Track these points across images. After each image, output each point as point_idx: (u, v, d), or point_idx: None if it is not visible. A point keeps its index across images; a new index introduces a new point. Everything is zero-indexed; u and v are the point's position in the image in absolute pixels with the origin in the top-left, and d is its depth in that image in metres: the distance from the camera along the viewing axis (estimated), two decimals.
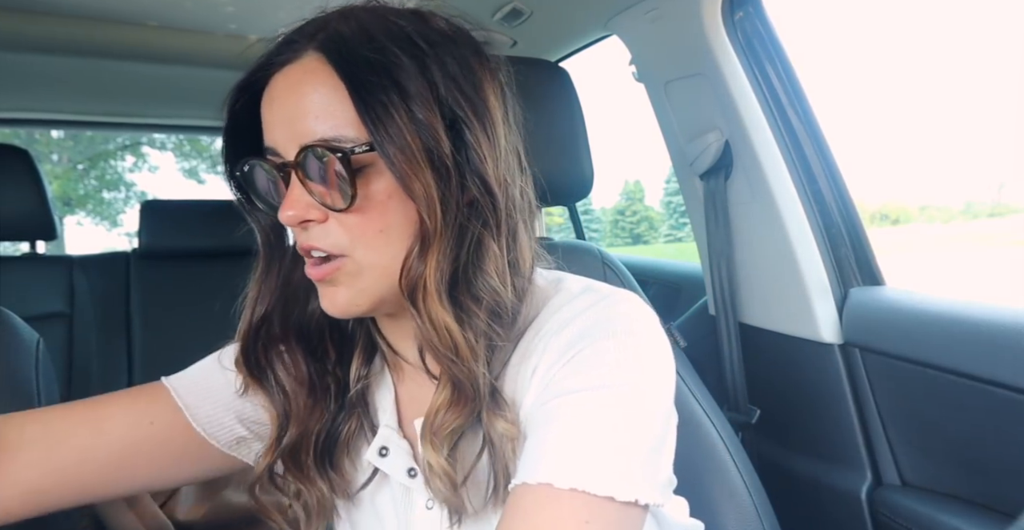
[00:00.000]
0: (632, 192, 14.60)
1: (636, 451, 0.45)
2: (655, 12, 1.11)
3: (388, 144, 0.44)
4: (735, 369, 1.16)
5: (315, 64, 0.48)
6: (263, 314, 0.55)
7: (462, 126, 0.47)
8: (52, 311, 1.62)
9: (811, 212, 1.07)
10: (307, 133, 0.47)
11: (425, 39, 0.48)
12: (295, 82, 0.48)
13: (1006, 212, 7.10)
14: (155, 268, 1.72)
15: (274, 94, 0.49)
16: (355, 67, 0.46)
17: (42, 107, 1.87)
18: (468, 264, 0.48)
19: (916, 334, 0.92)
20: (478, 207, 0.48)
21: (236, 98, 0.52)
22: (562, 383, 0.47)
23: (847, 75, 16.25)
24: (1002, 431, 0.82)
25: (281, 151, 0.48)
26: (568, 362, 0.48)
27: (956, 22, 16.50)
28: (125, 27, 1.38)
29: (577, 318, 0.50)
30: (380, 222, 0.48)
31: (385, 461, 0.55)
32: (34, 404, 0.72)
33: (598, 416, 0.45)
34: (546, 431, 0.46)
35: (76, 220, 10.21)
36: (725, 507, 0.82)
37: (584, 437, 0.44)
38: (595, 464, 0.43)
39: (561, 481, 0.42)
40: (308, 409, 0.56)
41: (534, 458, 0.45)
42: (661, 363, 0.49)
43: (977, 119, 13.51)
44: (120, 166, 10.52)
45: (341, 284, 0.50)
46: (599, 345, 0.48)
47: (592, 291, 0.53)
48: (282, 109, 0.48)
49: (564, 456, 0.43)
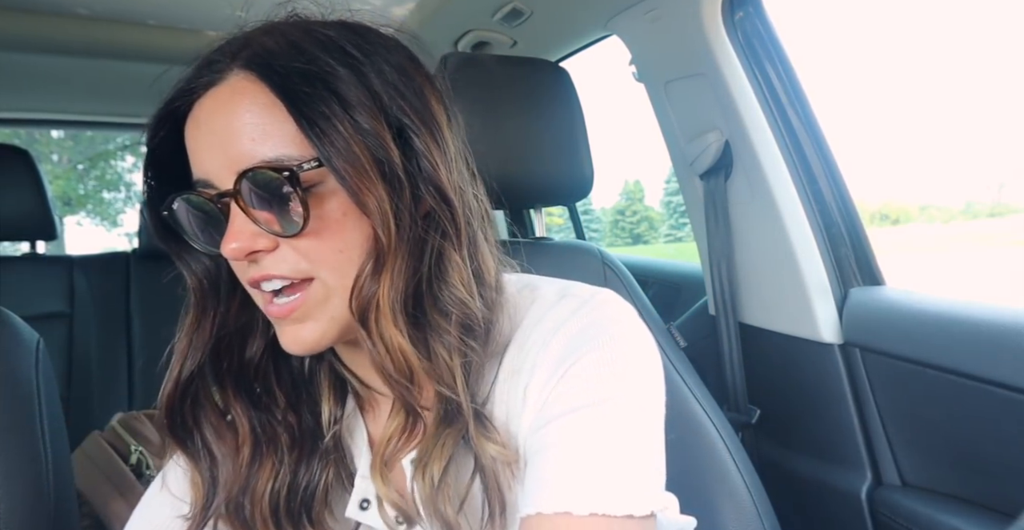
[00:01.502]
0: (632, 192, 14.60)
1: (643, 462, 0.44)
2: (655, 12, 1.11)
3: (336, 158, 0.41)
4: (735, 369, 1.16)
5: (243, 83, 0.44)
6: (193, 370, 0.49)
7: (410, 134, 0.45)
8: (52, 311, 1.62)
9: (811, 212, 1.07)
10: (244, 157, 0.43)
11: (357, 48, 0.45)
12: (223, 104, 0.44)
13: (1006, 212, 7.09)
14: (155, 268, 1.73)
15: (200, 119, 0.45)
16: (289, 81, 0.42)
17: (42, 107, 1.88)
18: (431, 278, 0.46)
19: (916, 334, 0.92)
20: (435, 217, 0.46)
21: (155, 131, 0.47)
22: (559, 403, 0.45)
23: (847, 75, 16.25)
24: (1002, 431, 0.82)
25: (215, 181, 0.44)
26: (561, 379, 0.46)
27: (956, 22, 16.50)
28: (125, 27, 1.38)
29: (561, 329, 0.48)
30: (338, 242, 0.44)
31: (367, 514, 0.51)
32: (34, 404, 0.72)
33: (601, 434, 0.43)
34: (551, 456, 0.44)
35: (76, 220, 10.22)
36: (725, 507, 0.82)
37: (592, 458, 0.43)
38: (609, 485, 0.42)
39: (580, 508, 0.41)
40: (251, 467, 0.51)
41: (545, 485, 0.43)
42: (650, 365, 0.48)
43: (977, 119, 13.51)
44: (120, 166, 10.52)
45: (308, 319, 0.46)
46: (589, 357, 0.46)
47: (570, 296, 0.51)
48: (211, 135, 0.44)
49: (577, 481, 0.42)
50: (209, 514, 0.50)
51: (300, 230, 0.43)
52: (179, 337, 0.50)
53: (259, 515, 0.50)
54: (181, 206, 0.47)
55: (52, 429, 0.72)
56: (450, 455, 0.46)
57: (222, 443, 0.51)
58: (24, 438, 0.69)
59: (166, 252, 0.52)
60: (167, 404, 0.49)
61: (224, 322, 0.51)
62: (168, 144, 0.47)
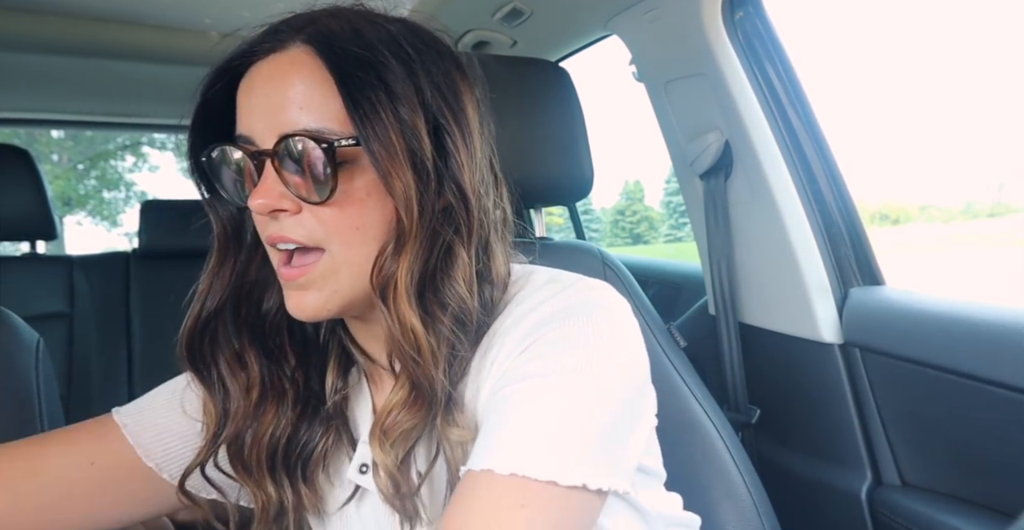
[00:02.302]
0: (632, 192, 14.60)
1: (586, 435, 0.44)
2: (655, 12, 1.11)
3: (374, 141, 0.45)
4: (735, 369, 1.16)
5: (302, 56, 0.47)
6: (213, 309, 0.53)
7: (443, 133, 0.48)
8: (52, 311, 1.62)
9: (811, 212, 1.07)
10: (289, 123, 0.46)
11: (412, 46, 0.49)
12: (280, 72, 0.47)
13: (1006, 212, 7.10)
14: (155, 268, 1.73)
15: (256, 81, 0.48)
16: (345, 63, 0.46)
17: (42, 107, 1.88)
18: (437, 270, 0.49)
19: (916, 334, 0.92)
20: (452, 214, 0.49)
21: (213, 82, 0.50)
22: (516, 371, 0.47)
23: (847, 75, 16.24)
24: (1002, 431, 0.82)
25: (257, 139, 0.48)
26: (524, 351, 0.47)
27: (956, 22, 16.49)
28: (125, 27, 1.38)
29: (536, 309, 0.49)
30: (357, 219, 0.48)
31: (367, 478, 0.54)
32: (34, 404, 0.72)
33: (546, 401, 0.44)
34: (495, 419, 0.46)
35: (76, 220, 10.22)
36: (725, 506, 0.82)
37: (529, 422, 0.44)
38: (537, 449, 0.43)
39: (502, 467, 0.42)
40: (257, 410, 0.54)
41: (482, 446, 0.45)
42: (622, 346, 0.48)
43: (977, 119, 13.49)
44: (120, 166, 10.52)
45: (312, 287, 0.49)
46: (555, 332, 0.47)
47: (555, 282, 0.53)
48: (264, 97, 0.47)
49: (508, 443, 0.43)
50: (219, 441, 0.54)
51: (325, 199, 0.46)
52: (202, 278, 0.54)
53: (255, 457, 0.54)
54: (219, 155, 0.50)
55: (52, 429, 0.72)
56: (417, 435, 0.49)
57: (235, 381, 0.54)
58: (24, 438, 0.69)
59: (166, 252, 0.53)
60: (187, 336, 0.53)
61: (244, 270, 0.55)
62: (219, 98, 0.51)
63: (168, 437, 0.57)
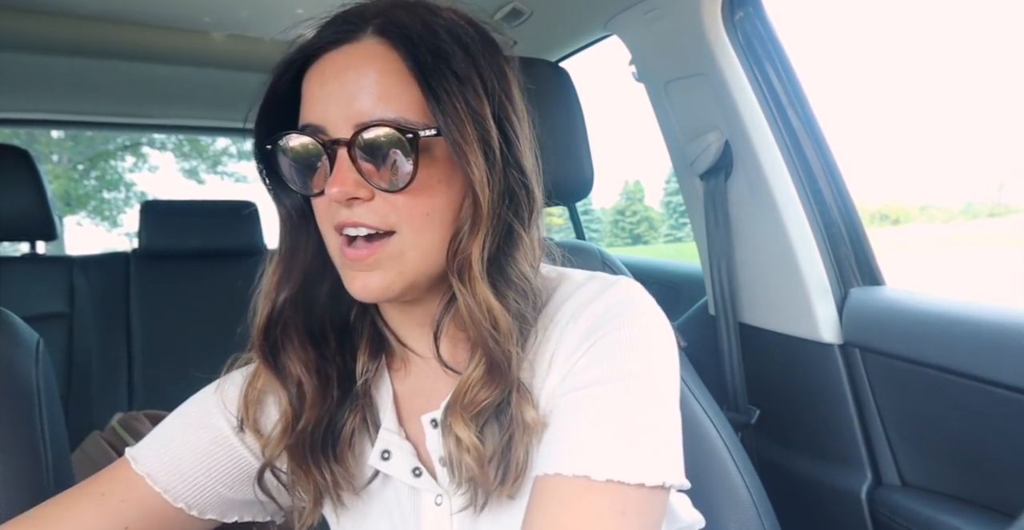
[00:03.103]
0: (632, 192, 14.60)
1: (658, 435, 0.47)
2: (655, 12, 1.11)
3: (453, 130, 0.47)
4: (735, 369, 1.16)
5: (377, 47, 0.49)
6: (288, 297, 0.54)
7: (504, 121, 0.51)
8: (52, 311, 1.62)
9: (811, 212, 1.07)
10: (365, 113, 0.47)
11: (470, 37, 0.51)
12: (356, 62, 0.48)
13: (1006, 212, 7.10)
14: (155, 268, 1.72)
15: (329, 72, 0.49)
16: (420, 55, 0.48)
17: (42, 107, 1.87)
18: (503, 251, 0.51)
19: (916, 334, 0.92)
20: (515, 198, 0.51)
21: (281, 73, 0.51)
22: (584, 374, 0.49)
23: (847, 75, 16.24)
24: (1002, 431, 0.82)
25: (330, 128, 0.48)
26: (587, 352, 0.50)
27: (956, 21, 16.50)
28: (125, 27, 1.38)
29: (589, 306, 0.52)
30: (428, 205, 0.49)
31: (388, 464, 0.55)
32: (34, 404, 0.72)
33: (623, 406, 0.47)
34: (573, 421, 0.48)
35: (76, 220, 10.22)
36: (725, 506, 0.82)
37: (613, 427, 0.46)
38: (627, 454, 0.45)
39: (598, 473, 0.44)
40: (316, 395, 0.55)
41: (565, 448, 0.46)
42: (670, 348, 0.52)
43: (977, 119, 13.50)
44: (120, 166, 10.52)
45: (379, 268, 0.50)
46: (614, 335, 0.50)
47: (597, 279, 0.56)
48: (339, 87, 0.48)
49: (598, 447, 0.45)
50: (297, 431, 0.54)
51: (404, 187, 0.48)
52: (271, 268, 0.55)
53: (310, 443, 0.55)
54: (288, 143, 0.50)
55: (52, 429, 0.72)
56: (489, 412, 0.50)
57: (305, 368, 0.55)
58: (24, 438, 0.69)
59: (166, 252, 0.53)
60: (263, 328, 0.54)
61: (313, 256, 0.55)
62: (284, 86, 0.52)
63: (191, 473, 0.56)
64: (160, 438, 0.58)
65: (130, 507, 0.54)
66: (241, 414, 0.56)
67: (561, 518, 0.44)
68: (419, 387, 0.58)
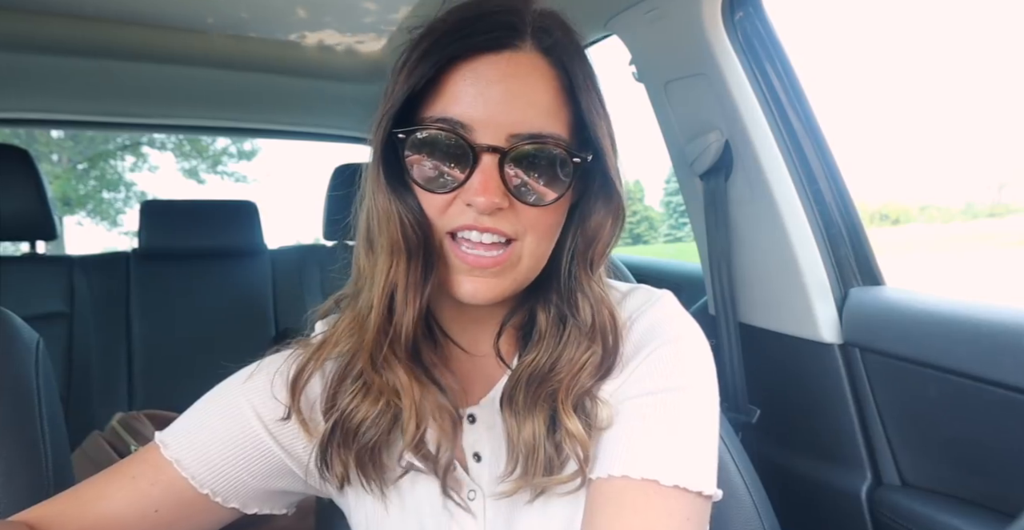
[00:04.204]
0: (632, 192, 14.57)
1: (710, 446, 0.50)
2: (655, 12, 1.11)
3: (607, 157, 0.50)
4: (735, 369, 1.16)
5: (539, 61, 0.49)
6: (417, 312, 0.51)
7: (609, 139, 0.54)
8: (52, 311, 1.62)
9: (811, 212, 1.07)
10: (526, 124, 0.47)
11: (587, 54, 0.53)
12: (523, 72, 0.48)
13: (1006, 212, 7.10)
14: (155, 268, 1.72)
15: (490, 75, 0.48)
16: (579, 78, 0.50)
17: (42, 107, 1.87)
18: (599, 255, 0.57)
19: (916, 334, 0.92)
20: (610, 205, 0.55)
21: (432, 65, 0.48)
22: (640, 383, 0.52)
23: (847, 75, 16.25)
24: (1002, 431, 0.82)
25: (478, 130, 0.47)
26: (642, 363, 0.53)
27: (956, 21, 16.50)
28: (125, 27, 1.38)
29: (640, 318, 0.56)
30: (555, 218, 0.52)
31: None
32: (34, 404, 0.72)
33: (681, 415, 0.49)
34: (637, 427, 0.49)
35: (76, 220, 10.22)
36: (725, 507, 0.82)
37: (676, 436, 0.48)
38: (690, 462, 0.47)
39: (667, 478, 0.46)
40: None
41: (631, 452, 0.48)
42: (712, 361, 0.55)
43: (977, 119, 13.51)
44: (120, 166, 10.52)
45: (501, 275, 0.51)
46: (668, 347, 0.53)
47: (641, 290, 0.60)
48: (503, 93, 0.47)
49: (664, 454, 0.47)
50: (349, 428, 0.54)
51: (552, 202, 0.50)
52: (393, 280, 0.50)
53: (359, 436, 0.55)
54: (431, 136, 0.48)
55: (52, 429, 0.72)
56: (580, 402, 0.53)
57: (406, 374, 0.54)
58: (24, 438, 0.69)
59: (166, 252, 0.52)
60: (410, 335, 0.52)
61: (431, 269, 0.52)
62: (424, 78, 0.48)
63: (218, 461, 0.56)
64: (189, 425, 0.58)
65: (159, 490, 0.54)
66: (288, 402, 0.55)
67: (631, 521, 0.45)
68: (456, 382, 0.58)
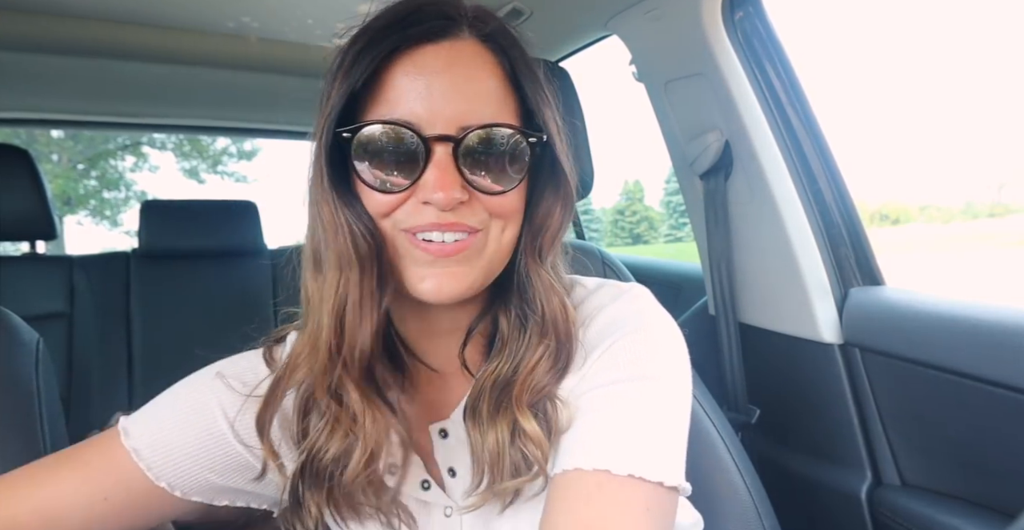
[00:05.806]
0: (632, 192, 14.60)
1: (674, 437, 0.48)
2: (655, 12, 1.11)
3: (556, 135, 0.50)
4: (735, 369, 1.16)
5: (479, 48, 0.48)
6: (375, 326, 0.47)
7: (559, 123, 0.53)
8: (52, 311, 1.62)
9: (811, 212, 1.07)
10: (472, 114, 0.46)
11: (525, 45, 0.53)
12: (464, 61, 0.47)
13: (1006, 212, 7.10)
14: (155, 268, 1.72)
15: (430, 66, 0.45)
16: (521, 63, 0.49)
17: (42, 107, 1.87)
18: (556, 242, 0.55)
19: (916, 334, 0.92)
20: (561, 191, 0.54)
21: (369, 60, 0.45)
22: (599, 375, 0.50)
23: (847, 75, 16.24)
24: (1002, 431, 0.82)
25: (425, 125, 0.45)
26: (601, 356, 0.51)
27: (956, 22, 16.50)
28: (125, 27, 1.38)
29: (603, 311, 0.53)
30: (517, 204, 0.50)
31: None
32: (34, 404, 0.72)
33: (640, 405, 0.47)
34: (591, 419, 0.48)
35: (76, 220, 10.22)
36: (725, 506, 0.82)
37: (631, 425, 0.46)
38: (647, 451, 0.45)
39: (619, 467, 0.44)
40: None
41: (584, 444, 0.46)
42: (682, 356, 0.53)
43: (977, 119, 13.50)
44: (120, 166, 10.52)
45: (466, 263, 0.48)
46: (630, 338, 0.51)
47: (608, 286, 0.57)
48: (448, 83, 0.45)
49: (617, 443, 0.45)
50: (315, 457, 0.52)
51: (510, 189, 0.48)
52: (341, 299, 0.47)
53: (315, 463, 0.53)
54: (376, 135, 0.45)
55: (52, 429, 0.72)
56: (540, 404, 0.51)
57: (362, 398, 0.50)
58: (24, 438, 0.69)
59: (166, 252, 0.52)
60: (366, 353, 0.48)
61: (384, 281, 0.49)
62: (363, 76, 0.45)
63: (178, 455, 0.54)
64: (153, 415, 0.56)
65: (111, 479, 0.53)
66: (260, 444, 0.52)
67: (581, 511, 0.43)
68: (423, 399, 0.57)
